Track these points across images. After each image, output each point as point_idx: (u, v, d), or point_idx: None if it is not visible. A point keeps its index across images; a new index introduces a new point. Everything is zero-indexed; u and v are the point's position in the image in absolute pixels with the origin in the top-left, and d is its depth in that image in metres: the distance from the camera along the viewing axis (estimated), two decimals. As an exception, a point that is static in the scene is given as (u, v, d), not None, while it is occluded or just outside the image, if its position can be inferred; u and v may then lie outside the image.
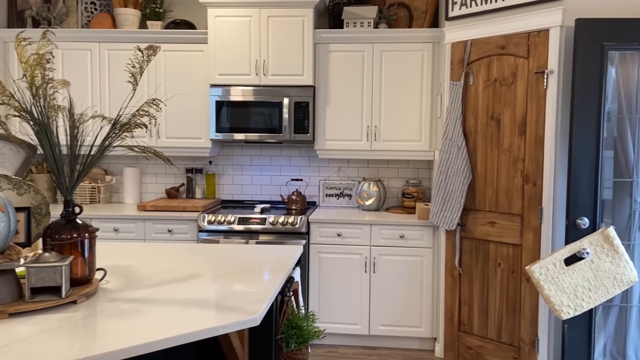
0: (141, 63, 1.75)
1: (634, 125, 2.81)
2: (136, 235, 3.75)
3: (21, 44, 1.67)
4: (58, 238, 1.71)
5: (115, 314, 1.59)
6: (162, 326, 1.47)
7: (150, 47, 1.78)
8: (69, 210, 1.76)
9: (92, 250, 1.80)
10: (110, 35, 3.93)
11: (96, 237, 1.81)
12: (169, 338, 1.40)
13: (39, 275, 1.60)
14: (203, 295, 1.77)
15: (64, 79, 1.85)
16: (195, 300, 1.72)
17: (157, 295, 1.76)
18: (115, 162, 4.40)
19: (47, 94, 1.71)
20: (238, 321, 1.52)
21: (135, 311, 1.61)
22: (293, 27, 3.76)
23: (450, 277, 3.45)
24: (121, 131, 1.75)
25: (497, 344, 3.24)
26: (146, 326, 1.48)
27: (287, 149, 4.29)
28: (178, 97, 3.95)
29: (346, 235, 3.66)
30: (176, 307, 1.64)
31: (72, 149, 1.77)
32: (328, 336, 3.78)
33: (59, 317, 1.54)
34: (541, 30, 2.95)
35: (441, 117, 3.61)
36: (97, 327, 1.48)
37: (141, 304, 1.67)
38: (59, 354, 1.28)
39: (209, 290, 1.83)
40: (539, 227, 3.01)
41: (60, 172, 1.74)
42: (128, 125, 1.73)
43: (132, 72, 1.76)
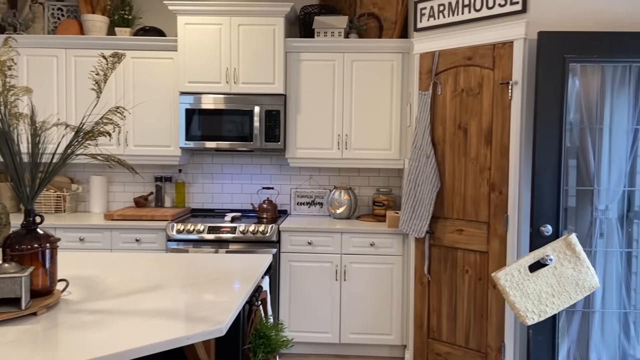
0: (105, 70, 1.73)
1: (594, 135, 2.90)
2: (103, 245, 3.68)
3: (-20, 50, 1.63)
4: (18, 248, 1.67)
5: (77, 325, 1.56)
6: (124, 337, 1.45)
7: (115, 55, 1.76)
8: (29, 220, 1.72)
9: (53, 260, 1.76)
10: (77, 41, 3.87)
11: (57, 247, 1.77)
12: (131, 350, 1.38)
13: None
14: (168, 305, 1.75)
15: (26, 86, 1.81)
16: (160, 310, 1.70)
17: (120, 306, 1.74)
18: (82, 171, 4.32)
19: (8, 101, 1.67)
20: (203, 331, 1.51)
21: (97, 322, 1.58)
22: (264, 35, 3.77)
23: (420, 285, 3.48)
24: (84, 139, 1.72)
25: (465, 350, 3.28)
26: (108, 338, 1.45)
27: (258, 157, 4.28)
28: (147, 105, 3.91)
29: (317, 243, 3.66)
30: (140, 318, 1.62)
31: (33, 157, 1.73)
32: (298, 345, 3.77)
33: (19, 330, 1.50)
34: (506, 42, 3.03)
35: (411, 126, 3.66)
36: (58, 339, 1.45)
37: (104, 315, 1.64)
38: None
39: (175, 301, 1.81)
40: (504, 234, 3.08)
41: (21, 181, 1.70)
42: (91, 134, 1.71)
43: (96, 79, 1.74)
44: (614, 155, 2.90)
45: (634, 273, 2.95)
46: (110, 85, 3.89)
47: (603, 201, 2.91)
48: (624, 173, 2.89)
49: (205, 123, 3.82)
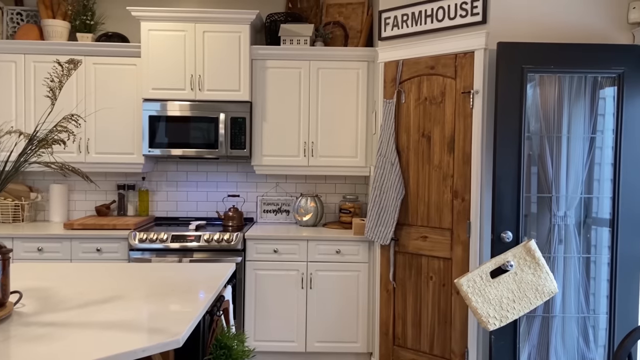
0: (60, 77, 1.69)
1: (552, 143, 2.98)
2: (62, 255, 3.58)
3: None
4: (-34, 260, 1.61)
5: (30, 338, 1.51)
6: (76, 351, 1.41)
7: (71, 61, 1.72)
8: (-21, 230, 1.66)
9: (5, 271, 1.70)
10: (36, 47, 3.77)
11: (9, 258, 1.71)
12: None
13: (-58, 300, 1.49)
14: (126, 316, 1.71)
15: (-22, 92, 1.75)
16: (117, 322, 1.66)
17: (75, 318, 1.69)
18: (41, 179, 4.20)
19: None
20: (159, 343, 1.48)
21: (50, 335, 1.53)
22: (229, 42, 3.75)
23: (385, 292, 3.50)
24: (38, 147, 1.67)
25: (429, 356, 3.31)
26: (59, 351, 1.41)
27: (223, 164, 4.25)
28: (109, 112, 3.84)
29: (283, 251, 3.64)
30: (95, 330, 1.58)
31: (-17, 165, 1.67)
32: (264, 355, 3.74)
33: (-36, 345, 1.44)
34: (467, 52, 3.09)
35: (376, 134, 3.69)
36: (10, 353, 1.40)
37: (57, 328, 1.60)
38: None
39: (133, 312, 1.77)
40: (467, 240, 3.12)
41: (-30, 190, 1.64)
42: (45, 142, 1.66)
43: (51, 86, 1.70)
44: (571, 162, 2.98)
45: (592, 278, 3.03)
46: (71, 92, 3.81)
47: (562, 208, 2.99)
48: (580, 180, 2.98)
49: (170, 130, 3.77)
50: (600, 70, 2.86)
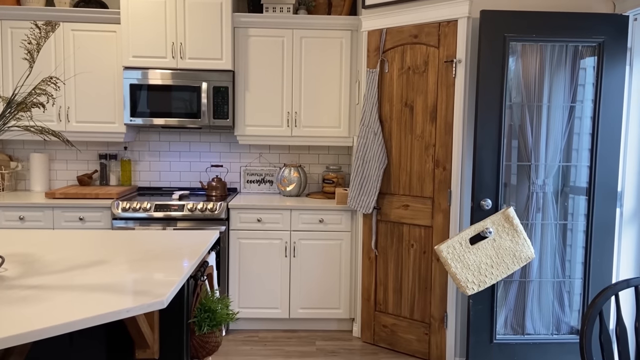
0: (38, 39, 1.66)
1: (532, 112, 3.02)
2: (44, 224, 3.56)
3: None
4: (-54, 224, 1.60)
5: (13, 300, 1.52)
6: (62, 311, 1.43)
7: (48, 23, 1.69)
8: (-42, 194, 1.65)
9: (-14, 236, 1.70)
10: (13, 12, 3.67)
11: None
12: (69, 323, 1.36)
13: None
14: (110, 280, 1.73)
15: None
16: (101, 285, 1.67)
17: (59, 282, 1.70)
18: (21, 148, 4.15)
19: None
20: (143, 304, 1.50)
21: (34, 297, 1.54)
22: (211, 9, 3.69)
23: (367, 259, 3.56)
24: (16, 111, 1.65)
25: (409, 321, 3.39)
26: (45, 312, 1.42)
27: (206, 134, 4.23)
28: (89, 80, 3.77)
29: (266, 220, 3.67)
30: (80, 293, 1.59)
31: (-39, 129, 1.65)
32: (248, 321, 3.80)
33: (-53, 307, 1.45)
34: (450, 21, 3.09)
35: (359, 104, 3.70)
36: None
37: (41, 291, 1.61)
38: (-57, 343, 1.21)
39: (117, 276, 1.78)
40: (448, 209, 3.18)
41: (-52, 153, 1.62)
42: (24, 105, 1.64)
43: (29, 49, 1.67)
44: (551, 132, 3.03)
45: (568, 245, 3.11)
46: (49, 59, 3.73)
47: (540, 176, 3.05)
48: (559, 149, 3.03)
49: (151, 99, 3.72)
50: (581, 39, 2.88)
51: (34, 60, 1.71)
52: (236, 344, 3.55)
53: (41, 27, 1.71)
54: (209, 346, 2.06)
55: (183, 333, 1.94)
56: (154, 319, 1.89)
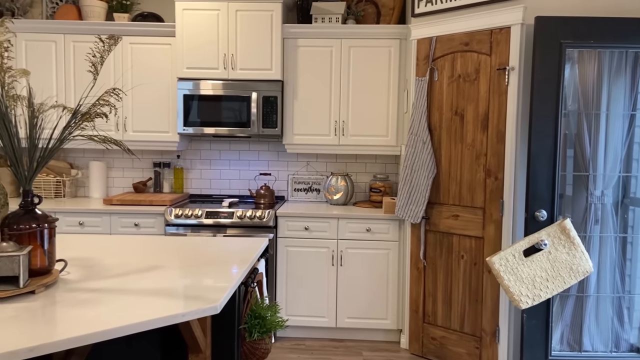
0: (102, 53, 1.74)
1: (590, 121, 2.92)
2: (102, 229, 3.71)
3: (-23, 30, 1.64)
4: (16, 228, 1.69)
5: (75, 303, 1.58)
6: (120, 314, 1.48)
7: (112, 37, 1.77)
8: (27, 200, 1.74)
9: (51, 240, 1.78)
10: (75, 27, 3.87)
11: (56, 227, 1.79)
12: (127, 326, 1.41)
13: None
14: (165, 285, 1.78)
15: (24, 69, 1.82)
16: (157, 290, 1.72)
17: (117, 286, 1.76)
18: (81, 156, 4.34)
19: (5, 82, 1.69)
20: (198, 309, 1.54)
21: (94, 301, 1.61)
22: (261, 21, 3.77)
23: (416, 270, 3.51)
24: (81, 121, 1.74)
25: (459, 334, 3.32)
26: (104, 315, 1.48)
27: (255, 143, 4.30)
28: (145, 91, 3.92)
29: (314, 229, 3.69)
30: (137, 297, 1.65)
31: (31, 138, 1.75)
32: (295, 329, 3.81)
33: (17, 307, 1.53)
34: (503, 28, 3.03)
35: (407, 113, 3.67)
36: (56, 316, 1.47)
37: (101, 294, 1.67)
38: (16, 341, 1.27)
39: (172, 281, 1.83)
40: (500, 219, 3.10)
41: (19, 162, 1.72)
42: (88, 115, 1.72)
43: (93, 61, 1.75)
44: (610, 141, 2.91)
45: (628, 259, 2.98)
46: (108, 72, 3.90)
47: (599, 187, 2.93)
48: (619, 159, 2.91)
49: (203, 109, 3.83)
50: (643, 45, 2.76)
51: (97, 72, 1.79)
52: (283, 352, 3.57)
53: (104, 41, 1.80)
54: (259, 353, 2.08)
55: (234, 339, 1.97)
56: (207, 324, 1.93)
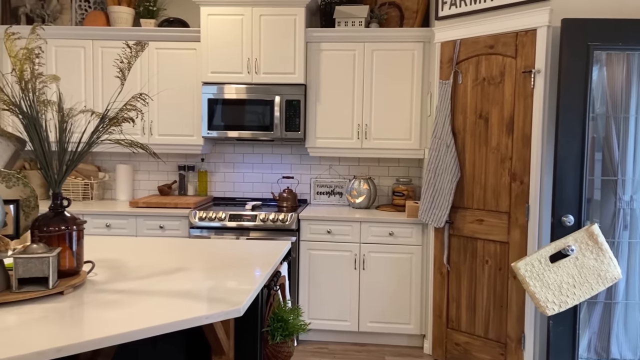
0: (129, 58, 1.78)
1: (618, 124, 2.86)
2: (128, 231, 3.77)
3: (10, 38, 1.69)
4: (46, 230, 1.74)
5: (102, 304, 1.61)
6: (146, 316, 1.50)
7: (138, 43, 1.81)
8: (57, 202, 1.78)
9: (80, 242, 1.82)
10: (103, 33, 3.95)
11: (84, 230, 1.83)
12: (152, 327, 1.43)
13: (27, 266, 1.62)
14: (189, 287, 1.80)
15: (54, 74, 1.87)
16: (181, 291, 1.75)
17: (143, 287, 1.79)
18: (108, 159, 4.43)
19: (36, 88, 1.73)
20: (221, 311, 1.55)
21: (121, 302, 1.64)
22: (285, 25, 3.79)
23: (439, 274, 3.48)
24: (109, 125, 1.77)
25: (484, 340, 3.28)
26: (131, 316, 1.50)
27: (278, 146, 4.32)
28: (170, 95, 3.98)
29: (336, 232, 3.69)
30: (162, 298, 1.67)
31: (60, 142, 1.79)
32: (317, 332, 3.82)
33: (46, 307, 1.57)
34: (529, 30, 2.99)
35: (431, 116, 3.65)
36: (84, 317, 1.50)
37: (127, 295, 1.70)
38: (44, 341, 1.31)
39: (196, 283, 1.86)
40: (525, 224, 3.05)
41: (49, 165, 1.77)
42: (116, 119, 1.76)
43: (120, 67, 1.79)
44: (639, 144, 2.85)
45: (659, 265, 2.90)
46: (135, 77, 3.97)
47: (627, 191, 2.87)
48: (649, 163, 2.84)
49: (227, 113, 3.87)
50: (674, 47, 2.70)
51: (125, 77, 1.83)
52: (306, 355, 3.57)
53: (132, 47, 1.83)
54: (282, 356, 2.09)
55: (257, 341, 1.98)
56: (230, 326, 1.95)
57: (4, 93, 1.67)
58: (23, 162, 4.17)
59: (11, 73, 1.70)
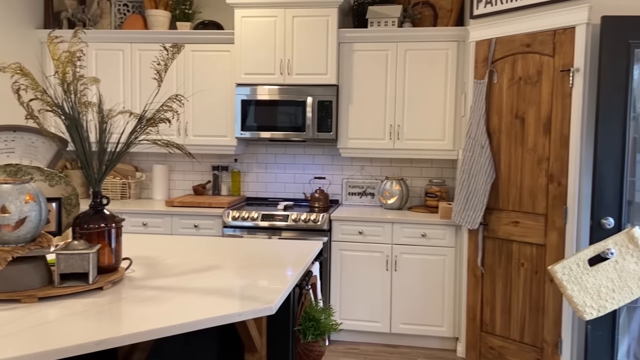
0: (166, 60, 1.82)
1: (662, 124, 2.76)
2: (164, 229, 3.85)
3: (53, 42, 1.75)
4: (86, 227, 1.79)
5: (139, 300, 1.66)
6: (181, 312, 1.54)
7: (175, 46, 1.85)
8: (97, 201, 1.84)
9: (118, 239, 1.88)
10: (141, 36, 4.05)
11: (122, 227, 1.88)
12: (188, 323, 1.46)
13: (68, 262, 1.68)
14: (222, 285, 1.83)
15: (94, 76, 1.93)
16: (215, 289, 1.78)
17: (179, 284, 1.83)
18: (145, 160, 4.53)
19: (78, 90, 1.79)
20: (254, 309, 1.57)
21: (157, 298, 1.68)
22: (317, 26, 3.81)
23: (473, 277, 3.43)
24: (146, 126, 1.82)
25: (519, 344, 3.21)
26: (167, 311, 1.54)
27: (310, 147, 4.34)
28: (205, 96, 4.05)
29: (368, 233, 3.68)
30: (196, 295, 1.70)
31: (100, 142, 1.85)
32: (349, 333, 3.81)
33: (86, 302, 1.62)
34: (567, 28, 2.92)
35: (465, 116, 3.60)
36: (122, 312, 1.55)
37: (163, 292, 1.74)
38: (84, 335, 1.35)
39: (229, 281, 1.88)
40: (563, 227, 2.98)
41: (89, 164, 1.82)
42: (152, 120, 1.80)
43: (157, 69, 1.83)
44: (684, 145, 2.74)
45: None
46: (171, 78, 4.06)
47: (671, 194, 2.77)
48: (695, 164, 2.73)
49: (260, 113, 3.91)
50: None
51: (161, 79, 1.87)
52: (337, 355, 3.58)
53: (168, 49, 1.87)
54: (313, 355, 2.10)
55: (289, 340, 2.00)
56: (262, 324, 1.97)
57: (48, 95, 1.73)
58: (65, 162, 4.32)
59: (54, 75, 1.76)
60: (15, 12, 3.96)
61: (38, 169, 1.89)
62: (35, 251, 1.65)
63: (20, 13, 4.02)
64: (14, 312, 1.51)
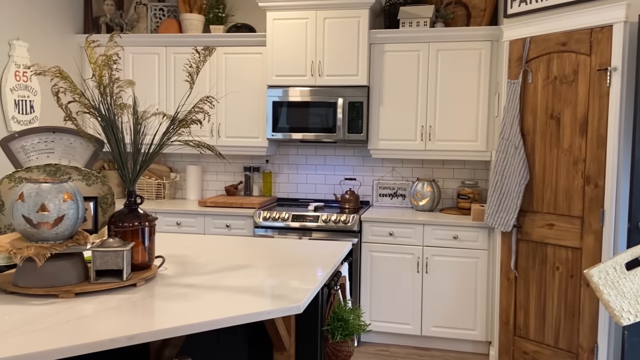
0: (198, 63, 1.86)
1: None
2: (197, 229, 3.93)
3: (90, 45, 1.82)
4: (121, 225, 1.85)
5: (171, 297, 1.70)
6: (212, 309, 1.57)
7: (206, 48, 1.89)
8: (131, 200, 1.89)
9: (151, 238, 1.92)
10: (176, 39, 4.15)
11: (155, 226, 1.93)
12: (218, 320, 1.49)
13: (103, 259, 1.73)
14: (252, 283, 1.86)
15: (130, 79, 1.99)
16: (245, 287, 1.80)
17: (210, 282, 1.87)
18: (179, 160, 4.63)
19: (114, 92, 1.85)
20: (282, 308, 1.59)
21: (189, 295, 1.71)
22: (349, 28, 3.81)
23: (506, 280, 3.37)
24: (179, 127, 1.86)
25: (554, 349, 3.14)
26: (198, 308, 1.57)
27: (341, 148, 4.35)
28: (237, 98, 4.11)
29: (398, 234, 3.66)
30: (227, 293, 1.73)
31: (135, 143, 1.90)
32: (379, 334, 3.80)
33: (120, 298, 1.67)
34: (604, 26, 2.84)
35: (498, 117, 3.55)
36: (154, 308, 1.59)
37: (195, 289, 1.78)
38: (117, 329, 1.39)
39: (258, 279, 1.91)
40: (600, 229, 2.90)
41: (124, 164, 1.88)
42: (184, 121, 1.84)
43: (190, 71, 1.88)
44: None
45: None
46: (204, 81, 4.13)
47: None
48: None
49: (291, 115, 3.94)
50: None
51: (193, 81, 1.92)
52: (367, 356, 3.57)
53: (200, 52, 1.92)
54: (341, 355, 2.11)
55: (317, 339, 2.01)
56: (291, 323, 1.99)
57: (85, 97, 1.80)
58: (102, 163, 4.45)
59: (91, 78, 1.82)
60: (56, 19, 4.11)
61: (76, 168, 1.95)
62: (73, 248, 1.71)
63: (60, 19, 4.16)
64: (51, 306, 1.56)
